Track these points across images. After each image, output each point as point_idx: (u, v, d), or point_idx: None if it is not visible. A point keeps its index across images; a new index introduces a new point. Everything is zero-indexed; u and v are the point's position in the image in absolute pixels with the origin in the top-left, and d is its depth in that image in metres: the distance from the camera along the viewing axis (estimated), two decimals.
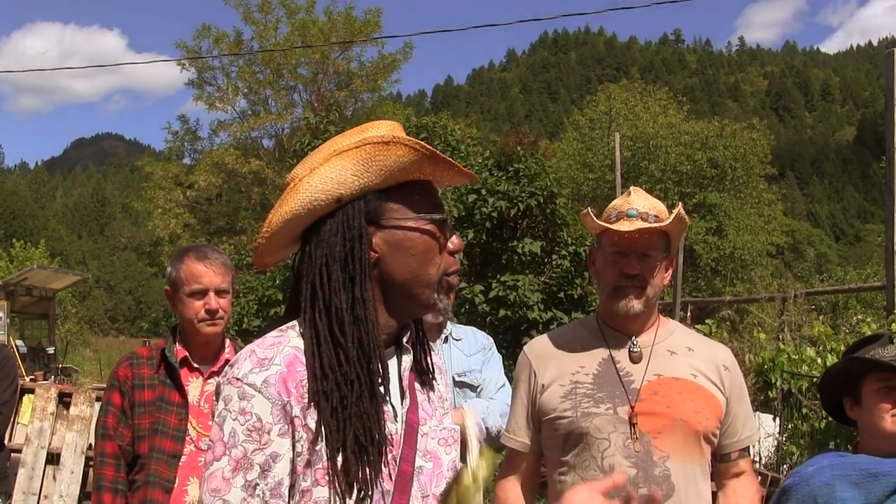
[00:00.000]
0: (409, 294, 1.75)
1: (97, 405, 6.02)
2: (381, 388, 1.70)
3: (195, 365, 3.32)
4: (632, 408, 2.61)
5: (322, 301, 1.68)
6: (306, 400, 1.64)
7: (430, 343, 1.94)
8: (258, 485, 1.60)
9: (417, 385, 1.84)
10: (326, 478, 1.63)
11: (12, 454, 5.69)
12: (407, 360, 1.81)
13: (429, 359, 1.88)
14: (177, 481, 3.15)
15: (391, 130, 1.75)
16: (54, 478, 6.29)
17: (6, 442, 4.77)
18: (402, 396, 1.78)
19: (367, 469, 1.64)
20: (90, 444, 6.04)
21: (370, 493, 1.65)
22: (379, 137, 1.70)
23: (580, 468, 2.63)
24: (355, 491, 1.63)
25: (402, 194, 1.74)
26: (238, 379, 1.63)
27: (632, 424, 2.60)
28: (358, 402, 1.65)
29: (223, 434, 1.62)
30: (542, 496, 3.17)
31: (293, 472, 1.63)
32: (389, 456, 1.70)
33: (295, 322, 1.75)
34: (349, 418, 1.64)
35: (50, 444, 6.36)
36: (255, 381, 1.62)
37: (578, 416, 2.64)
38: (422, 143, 1.71)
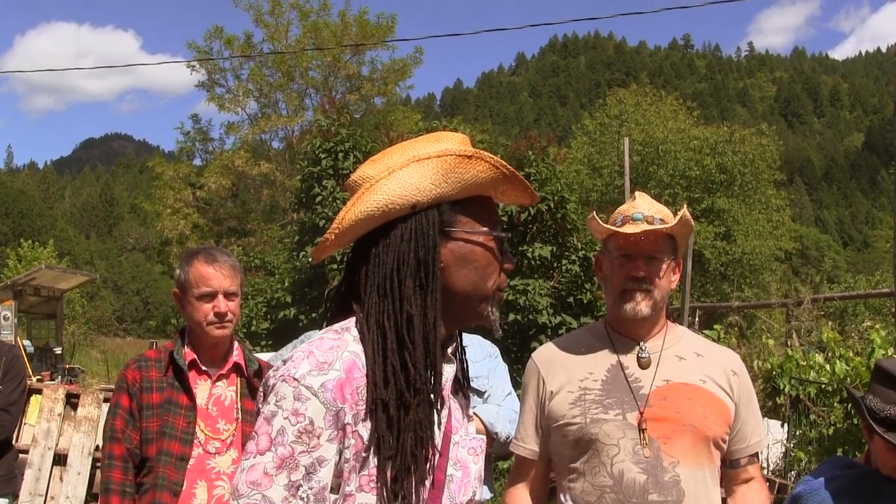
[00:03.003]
0: (466, 305, 1.77)
1: (105, 406, 6.02)
2: (437, 398, 1.72)
3: (203, 367, 3.31)
4: (641, 413, 2.60)
5: (392, 305, 1.68)
6: (360, 407, 1.63)
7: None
8: (301, 486, 1.59)
9: (450, 394, 1.85)
10: (372, 484, 1.63)
11: (19, 455, 5.70)
12: (450, 369, 1.81)
13: (465, 368, 1.90)
14: (185, 484, 3.14)
15: (463, 144, 1.77)
16: (61, 479, 6.28)
17: (13, 442, 4.77)
18: (442, 405, 1.78)
19: (414, 478, 1.65)
20: (97, 446, 6.03)
21: (415, 502, 1.66)
22: (461, 150, 1.71)
23: (590, 474, 2.62)
24: (400, 499, 1.63)
25: (471, 208, 1.76)
26: (295, 378, 1.61)
27: (641, 430, 2.59)
28: (417, 410, 1.65)
29: (271, 429, 1.60)
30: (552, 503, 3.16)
31: (337, 475, 1.63)
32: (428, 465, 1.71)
33: (350, 324, 1.74)
34: (407, 427, 1.64)
35: (57, 445, 6.35)
36: (313, 384, 1.61)
37: (587, 422, 2.63)
38: (502, 161, 1.74)
